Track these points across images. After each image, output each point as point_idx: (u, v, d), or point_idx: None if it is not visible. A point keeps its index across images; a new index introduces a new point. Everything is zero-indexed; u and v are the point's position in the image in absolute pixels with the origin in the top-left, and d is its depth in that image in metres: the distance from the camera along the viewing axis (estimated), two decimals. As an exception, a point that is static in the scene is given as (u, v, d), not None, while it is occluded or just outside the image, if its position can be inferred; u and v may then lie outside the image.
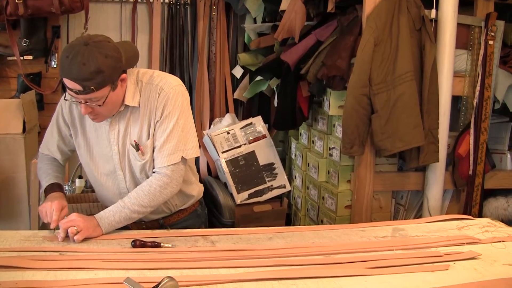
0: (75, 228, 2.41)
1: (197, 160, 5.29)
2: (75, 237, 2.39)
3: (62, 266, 2.14)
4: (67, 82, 2.35)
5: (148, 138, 2.63)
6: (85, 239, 2.43)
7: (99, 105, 2.44)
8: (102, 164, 2.70)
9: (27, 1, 4.40)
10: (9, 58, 4.80)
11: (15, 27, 4.78)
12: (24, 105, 3.73)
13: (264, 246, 2.47)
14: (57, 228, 2.47)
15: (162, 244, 2.41)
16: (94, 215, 2.52)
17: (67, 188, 3.96)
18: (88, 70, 2.31)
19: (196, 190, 2.96)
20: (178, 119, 2.60)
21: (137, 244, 2.38)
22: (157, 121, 2.60)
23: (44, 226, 3.57)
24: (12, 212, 3.58)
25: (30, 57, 4.80)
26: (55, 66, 4.96)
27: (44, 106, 4.93)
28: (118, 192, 2.71)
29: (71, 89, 2.37)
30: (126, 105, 2.59)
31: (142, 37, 5.29)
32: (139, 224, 2.79)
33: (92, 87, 2.34)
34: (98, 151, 2.69)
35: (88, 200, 3.36)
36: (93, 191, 3.82)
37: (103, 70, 2.33)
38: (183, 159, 2.64)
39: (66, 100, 2.58)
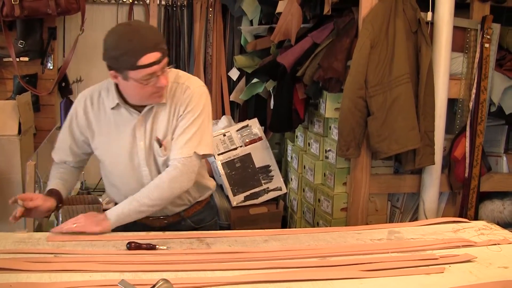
0: (74, 225, 2.49)
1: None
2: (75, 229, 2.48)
3: (57, 268, 2.13)
4: (149, 57, 2.40)
5: (169, 135, 2.67)
6: (80, 241, 2.43)
7: (168, 70, 2.54)
8: (125, 161, 2.69)
9: (23, 2, 4.41)
10: (5, 60, 4.80)
11: (11, 29, 4.78)
12: (19, 107, 3.73)
13: (260, 249, 2.47)
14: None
15: (157, 246, 2.40)
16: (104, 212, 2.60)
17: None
18: (156, 33, 2.49)
19: (211, 182, 3.00)
20: (197, 116, 2.65)
21: (132, 246, 2.37)
22: (180, 116, 2.65)
23: (39, 228, 3.57)
24: (7, 213, 3.56)
25: (26, 59, 4.80)
26: (51, 67, 4.96)
27: (40, 108, 4.93)
28: (140, 188, 2.67)
29: (153, 63, 2.42)
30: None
31: (138, 38, 5.29)
32: (161, 220, 2.82)
33: (165, 48, 2.48)
34: (120, 149, 2.68)
35: (83, 202, 3.35)
36: (88, 193, 3.81)
37: (159, 30, 2.45)
38: (196, 155, 2.65)
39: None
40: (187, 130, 2.64)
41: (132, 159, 2.69)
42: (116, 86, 2.60)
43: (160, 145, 2.65)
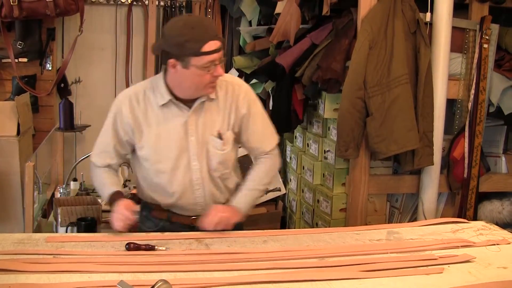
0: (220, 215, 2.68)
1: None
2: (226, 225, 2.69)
3: (55, 269, 2.13)
4: (211, 44, 2.50)
5: (228, 130, 2.76)
6: (79, 242, 2.43)
7: (224, 59, 2.62)
8: (175, 157, 2.71)
9: (22, 3, 4.40)
10: (3, 61, 4.80)
11: (10, 29, 4.78)
12: (18, 108, 3.72)
13: (259, 249, 2.47)
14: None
15: (156, 247, 2.40)
16: (232, 203, 2.77)
17: (61, 191, 3.95)
18: (213, 24, 2.62)
19: None
20: (262, 111, 2.87)
21: (131, 247, 2.38)
22: (244, 114, 2.77)
23: (38, 229, 3.57)
24: (6, 215, 3.58)
25: (25, 60, 4.80)
26: (50, 68, 4.96)
27: (39, 109, 4.93)
28: (189, 184, 2.74)
29: (214, 51, 2.51)
30: (208, 96, 2.70)
31: (137, 39, 5.29)
32: (190, 219, 2.83)
33: (222, 39, 2.58)
34: (170, 145, 2.71)
35: (82, 203, 3.35)
36: (87, 194, 3.81)
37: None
38: None
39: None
40: (265, 122, 2.87)
41: (182, 154, 2.72)
42: (165, 83, 2.67)
43: (221, 138, 2.73)
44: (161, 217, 2.84)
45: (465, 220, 3.02)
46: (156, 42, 2.64)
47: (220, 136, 2.73)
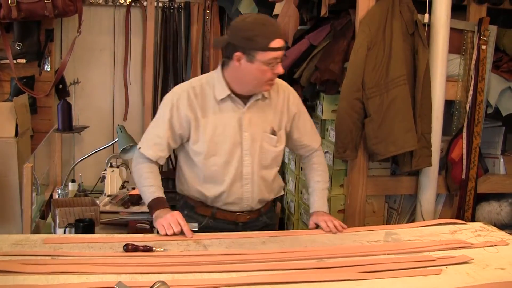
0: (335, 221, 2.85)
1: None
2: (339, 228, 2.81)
3: (53, 270, 2.13)
4: (277, 42, 2.61)
5: (281, 129, 2.90)
6: (77, 243, 2.43)
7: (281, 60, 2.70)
8: (229, 151, 2.79)
9: (21, 4, 4.40)
10: (2, 62, 4.79)
11: (8, 30, 4.77)
12: (16, 109, 3.73)
13: (257, 251, 2.47)
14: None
15: (154, 248, 2.40)
16: (316, 210, 2.95)
17: (59, 192, 3.94)
18: (279, 25, 2.72)
19: None
20: (305, 108, 3.04)
21: (129, 248, 2.37)
22: (295, 113, 2.94)
23: (37, 230, 3.56)
24: (4, 216, 3.58)
25: (23, 61, 4.79)
26: (48, 69, 4.96)
27: (37, 110, 4.92)
28: (239, 178, 2.83)
29: (279, 48, 2.62)
30: (262, 95, 2.81)
31: (135, 40, 5.29)
32: (245, 215, 2.92)
33: (285, 39, 2.68)
34: (223, 139, 2.79)
35: (81, 204, 3.35)
36: (86, 195, 3.80)
37: None
38: None
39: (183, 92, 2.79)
40: (311, 123, 3.05)
41: (235, 149, 2.80)
42: (224, 78, 2.76)
43: (275, 134, 2.86)
44: (205, 214, 2.90)
45: (463, 221, 3.02)
46: (220, 37, 2.74)
47: (274, 133, 2.86)
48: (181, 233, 2.61)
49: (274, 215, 3.17)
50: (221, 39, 2.76)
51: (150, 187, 2.79)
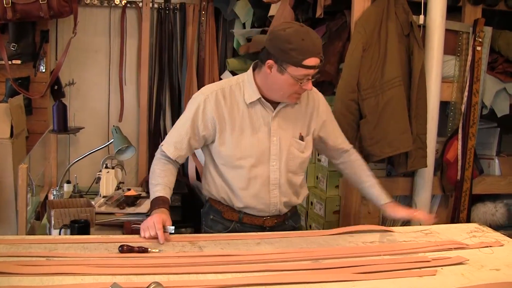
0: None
1: (185, 164, 5.31)
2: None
3: (48, 271, 2.12)
4: (312, 60, 2.56)
5: (308, 135, 2.88)
6: (72, 244, 2.43)
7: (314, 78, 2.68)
8: (256, 155, 2.77)
9: (16, 5, 4.39)
10: (-3, 63, 4.78)
11: (3, 31, 4.77)
12: (11, 110, 3.72)
13: (252, 252, 2.47)
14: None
15: (149, 249, 2.40)
16: (387, 201, 2.94)
17: (54, 193, 3.94)
18: (320, 42, 2.62)
19: None
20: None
21: (125, 249, 2.37)
22: (324, 120, 2.92)
23: (32, 231, 3.56)
24: (-1, 216, 3.57)
25: (19, 62, 4.79)
26: (43, 70, 4.95)
27: (32, 111, 4.92)
28: (267, 182, 2.80)
29: (313, 67, 2.58)
30: None
31: (131, 41, 5.29)
32: (273, 219, 2.90)
33: (323, 57, 2.63)
34: (251, 143, 2.76)
35: (76, 205, 3.34)
36: (81, 196, 3.80)
37: None
38: None
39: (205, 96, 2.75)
40: (338, 125, 3.03)
41: (263, 153, 2.78)
42: (255, 82, 2.74)
43: (303, 140, 2.84)
44: (232, 219, 2.88)
45: (391, 229, 2.96)
46: (260, 36, 2.71)
47: (302, 139, 2.84)
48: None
49: (299, 218, 3.15)
50: (261, 41, 2.73)
51: (157, 185, 2.76)
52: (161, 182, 2.76)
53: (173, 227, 2.59)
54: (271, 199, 2.82)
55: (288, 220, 2.98)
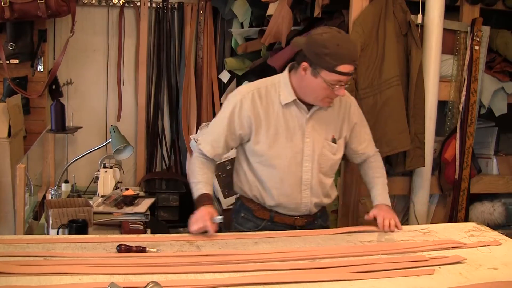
0: (392, 220, 2.83)
1: (184, 164, 5.30)
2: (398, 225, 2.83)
3: (46, 271, 2.12)
4: (346, 67, 2.58)
5: (340, 138, 2.91)
6: (69, 243, 2.42)
7: (349, 84, 2.75)
8: (289, 156, 2.80)
9: (14, 5, 4.39)
10: (-5, 62, 4.78)
11: (1, 31, 4.76)
12: (9, 109, 3.72)
13: (250, 251, 2.47)
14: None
15: (147, 248, 2.40)
16: (379, 202, 2.95)
17: (52, 192, 3.93)
18: (357, 50, 2.64)
19: None
20: (363, 115, 3.03)
21: (122, 248, 2.37)
22: (355, 123, 2.94)
23: (30, 231, 3.55)
24: (-3, 216, 3.57)
25: (16, 61, 4.78)
26: (41, 70, 4.94)
27: (30, 110, 4.91)
28: (299, 183, 2.83)
29: (346, 74, 2.59)
30: None
31: (129, 41, 5.28)
32: (303, 219, 2.93)
33: (357, 64, 2.69)
34: (286, 143, 2.79)
35: (74, 205, 3.34)
36: (79, 196, 3.80)
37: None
38: None
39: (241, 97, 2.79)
40: (368, 130, 3.04)
41: (296, 154, 2.81)
42: (291, 83, 2.76)
43: (335, 142, 2.87)
44: (264, 217, 2.92)
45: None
46: (300, 38, 2.72)
47: (334, 141, 2.87)
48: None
49: (328, 218, 3.17)
50: (298, 42, 2.73)
51: (198, 183, 2.81)
52: (202, 180, 2.82)
53: (222, 217, 2.66)
54: (303, 199, 2.85)
55: (318, 219, 3.01)
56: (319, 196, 2.89)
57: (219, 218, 2.65)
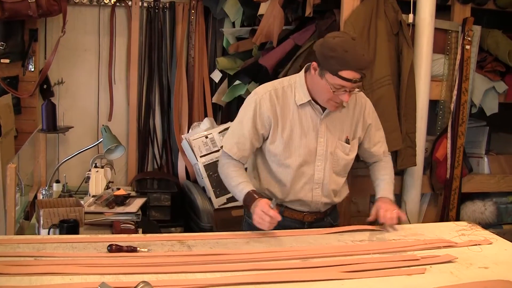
0: (395, 211, 2.83)
1: (175, 164, 5.29)
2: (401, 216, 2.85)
3: (37, 271, 2.12)
4: (349, 73, 2.60)
5: (354, 138, 2.96)
6: (60, 243, 2.42)
7: (357, 91, 2.74)
8: (303, 155, 2.86)
9: (4, 4, 4.36)
10: (-15, 62, 4.76)
11: (-8, 30, 4.74)
12: (0, 109, 3.70)
13: (241, 251, 2.47)
14: None
15: (138, 248, 2.39)
16: (382, 196, 2.96)
17: (44, 192, 3.92)
18: (367, 61, 2.63)
19: None
20: (378, 117, 3.05)
21: (113, 248, 2.37)
22: (370, 124, 2.98)
23: (20, 231, 3.54)
24: (-12, 217, 3.55)
25: (7, 61, 4.75)
26: (32, 69, 4.92)
27: (21, 110, 4.88)
28: (311, 181, 2.89)
29: (349, 80, 2.61)
30: None
31: (120, 40, 5.26)
32: (312, 215, 2.98)
33: (366, 75, 2.68)
34: (300, 143, 2.85)
35: (65, 205, 3.33)
36: (70, 196, 3.79)
37: (372, 61, 2.69)
38: None
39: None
40: (382, 131, 3.08)
41: (310, 153, 2.87)
42: (306, 84, 2.82)
43: (349, 143, 2.92)
44: None
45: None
46: (319, 39, 2.74)
47: (347, 142, 2.92)
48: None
49: (338, 216, 3.22)
50: (316, 43, 2.75)
51: (238, 185, 2.82)
52: (242, 180, 2.84)
53: (274, 200, 2.68)
54: (313, 198, 2.90)
55: (327, 217, 3.05)
56: (329, 195, 2.93)
57: (273, 202, 2.67)
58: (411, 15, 3.60)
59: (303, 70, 2.87)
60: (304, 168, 2.86)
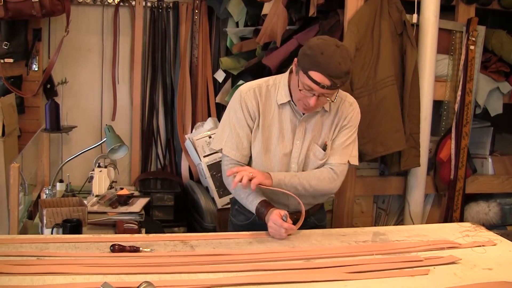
0: (251, 173, 2.64)
1: (178, 163, 5.29)
2: (252, 182, 2.62)
3: (39, 271, 2.12)
4: (319, 76, 2.53)
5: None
6: (63, 243, 2.41)
7: (327, 100, 2.66)
8: (278, 155, 2.82)
9: (8, 4, 4.37)
10: (-11, 61, 4.76)
11: (-5, 30, 4.74)
12: (3, 109, 3.70)
13: (244, 251, 2.47)
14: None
15: (141, 248, 2.39)
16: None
17: (47, 192, 3.92)
18: (341, 70, 2.54)
19: None
20: (355, 131, 2.90)
21: (116, 248, 2.36)
22: (343, 126, 2.85)
23: (24, 231, 3.54)
24: (-9, 216, 3.55)
25: (11, 60, 4.76)
26: (36, 69, 4.92)
27: (25, 110, 4.89)
28: None
29: (316, 82, 2.54)
30: (323, 108, 2.81)
31: (124, 40, 5.26)
32: (292, 215, 2.85)
33: (338, 85, 2.58)
34: (276, 143, 2.82)
35: (69, 204, 3.33)
36: (73, 195, 3.79)
37: (349, 73, 2.58)
38: (348, 164, 2.89)
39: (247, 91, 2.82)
40: (347, 140, 2.86)
41: (285, 156, 2.83)
42: (288, 83, 2.80)
43: (325, 149, 2.84)
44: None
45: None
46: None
47: (324, 148, 2.85)
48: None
49: (324, 217, 3.16)
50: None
51: (247, 197, 2.80)
52: (250, 191, 2.78)
53: (286, 212, 2.67)
54: (289, 199, 2.84)
55: (311, 217, 3.00)
56: (305, 198, 2.85)
57: (284, 214, 2.66)
58: (415, 15, 3.59)
59: (289, 70, 2.84)
60: (279, 169, 2.82)
